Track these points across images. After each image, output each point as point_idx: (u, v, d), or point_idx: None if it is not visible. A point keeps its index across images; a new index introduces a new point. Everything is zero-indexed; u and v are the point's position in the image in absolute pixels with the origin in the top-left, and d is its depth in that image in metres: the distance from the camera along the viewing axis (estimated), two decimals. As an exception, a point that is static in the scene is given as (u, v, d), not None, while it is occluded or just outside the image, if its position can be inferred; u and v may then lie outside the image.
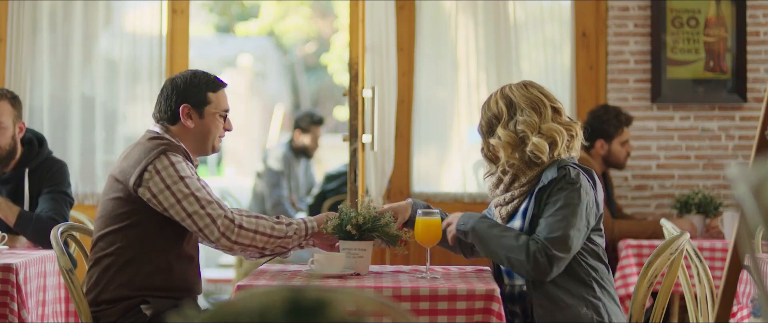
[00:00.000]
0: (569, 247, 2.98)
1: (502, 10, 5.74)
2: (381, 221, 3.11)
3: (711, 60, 5.64)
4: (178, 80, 3.26)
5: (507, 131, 3.11)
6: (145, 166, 3.08)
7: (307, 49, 13.50)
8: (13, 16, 5.50)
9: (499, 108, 3.14)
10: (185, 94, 3.22)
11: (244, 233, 3.06)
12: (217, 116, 3.25)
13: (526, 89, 3.15)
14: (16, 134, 4.01)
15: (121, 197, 3.12)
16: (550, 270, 2.98)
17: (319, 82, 13.83)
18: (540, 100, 3.12)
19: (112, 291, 3.11)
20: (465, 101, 5.83)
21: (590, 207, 3.04)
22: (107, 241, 3.14)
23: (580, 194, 3.01)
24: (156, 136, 3.21)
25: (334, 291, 1.34)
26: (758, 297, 1.49)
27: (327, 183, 6.94)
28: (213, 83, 3.27)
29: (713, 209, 5.09)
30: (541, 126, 3.09)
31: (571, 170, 3.04)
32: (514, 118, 3.12)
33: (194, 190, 3.07)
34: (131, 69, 5.73)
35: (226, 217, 3.06)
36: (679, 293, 4.91)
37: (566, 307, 3.01)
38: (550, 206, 3.02)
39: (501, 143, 3.11)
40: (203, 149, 3.27)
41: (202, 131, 3.23)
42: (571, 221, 2.98)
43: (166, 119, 3.23)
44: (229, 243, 3.06)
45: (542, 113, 3.11)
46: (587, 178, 3.06)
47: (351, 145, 4.56)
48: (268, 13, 12.50)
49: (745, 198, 1.46)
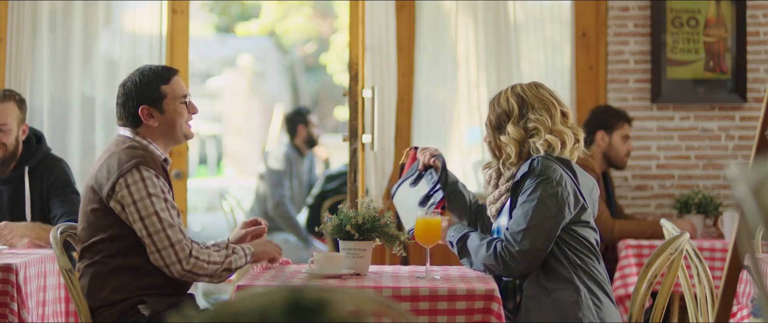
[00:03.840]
0: (532, 239, 3.02)
1: (502, 10, 5.74)
2: (381, 221, 3.12)
3: (711, 60, 5.64)
4: (129, 84, 3.23)
5: (517, 129, 3.16)
6: (117, 178, 3.05)
7: (307, 50, 13.50)
8: (13, 16, 5.50)
9: (510, 105, 3.20)
10: (139, 95, 3.19)
11: (198, 264, 3.01)
12: (178, 105, 3.21)
13: (538, 90, 3.22)
14: (20, 136, 4.02)
15: (99, 209, 3.11)
16: (516, 265, 3.03)
17: (319, 82, 13.83)
18: (551, 102, 3.19)
19: (106, 296, 3.10)
20: (465, 100, 5.83)
21: (563, 197, 3.06)
22: (92, 251, 3.12)
23: (546, 186, 3.05)
24: (130, 143, 3.16)
25: (334, 291, 1.34)
26: (758, 297, 1.49)
27: (327, 183, 6.95)
28: (163, 75, 3.23)
29: (713, 210, 5.09)
30: (552, 127, 3.15)
31: (541, 161, 3.09)
32: (525, 116, 3.17)
33: (159, 210, 3.02)
34: (131, 69, 5.67)
35: (184, 244, 3.01)
36: (679, 293, 4.91)
37: (551, 291, 3.06)
38: (520, 199, 3.08)
39: (510, 139, 3.17)
40: (175, 141, 3.24)
41: (167, 125, 3.20)
42: (535, 213, 3.03)
43: (130, 124, 3.20)
44: (183, 271, 3.01)
45: (553, 115, 3.17)
46: (563, 169, 3.10)
47: (351, 145, 4.57)
48: (269, 13, 12.50)
49: (745, 198, 1.46)
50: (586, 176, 3.21)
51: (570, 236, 3.11)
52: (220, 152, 14.19)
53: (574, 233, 3.12)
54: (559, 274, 3.08)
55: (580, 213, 3.12)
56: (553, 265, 3.08)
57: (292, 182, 6.83)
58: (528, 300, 3.06)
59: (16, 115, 3.98)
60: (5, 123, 3.95)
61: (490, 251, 3.07)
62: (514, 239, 3.04)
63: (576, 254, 3.11)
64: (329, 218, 3.18)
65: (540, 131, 3.15)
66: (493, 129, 3.24)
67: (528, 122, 3.16)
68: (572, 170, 3.14)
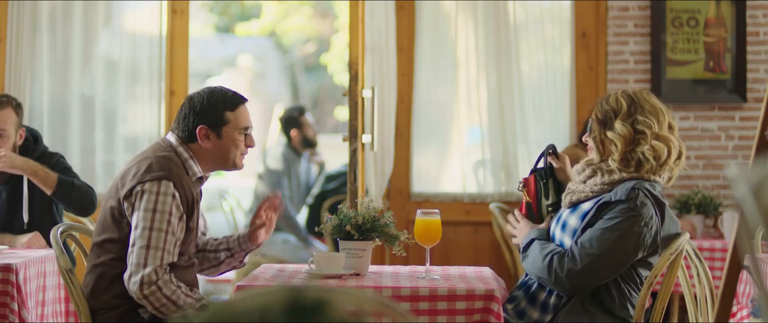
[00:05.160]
0: (597, 267, 2.99)
1: (502, 10, 5.74)
2: (380, 221, 3.12)
3: (711, 60, 5.64)
4: (195, 100, 3.16)
5: (625, 126, 3.09)
6: (137, 183, 3.02)
7: (307, 50, 13.50)
8: (13, 16, 5.50)
9: (619, 104, 3.12)
10: (201, 114, 3.13)
11: (158, 296, 2.96)
12: (237, 134, 3.14)
13: (649, 96, 3.15)
14: (17, 141, 4.02)
15: (115, 206, 3.09)
16: (570, 283, 3.00)
17: (319, 82, 13.83)
18: (660, 109, 3.12)
19: (107, 300, 3.09)
20: (465, 101, 5.83)
21: (645, 240, 3.02)
22: (102, 249, 3.11)
23: (633, 222, 3.00)
24: (168, 153, 3.12)
25: (334, 291, 1.33)
26: (758, 297, 1.49)
27: (327, 183, 6.94)
28: (231, 101, 3.15)
29: (713, 210, 5.09)
30: (659, 133, 3.08)
31: (640, 195, 3.02)
32: (632, 116, 3.10)
33: (155, 227, 2.97)
34: (131, 69, 5.73)
35: (154, 271, 2.95)
36: (678, 293, 4.91)
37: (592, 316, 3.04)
38: (603, 222, 3.02)
39: (617, 136, 3.09)
40: (223, 167, 3.20)
41: (220, 151, 3.14)
42: (612, 245, 2.99)
43: (184, 137, 3.15)
44: (140, 294, 2.96)
45: (661, 121, 3.10)
46: (655, 210, 3.03)
47: (351, 145, 4.56)
48: (269, 13, 12.50)
49: (745, 198, 1.46)
50: (673, 221, 3.13)
51: (628, 271, 3.08)
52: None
53: (634, 269, 3.09)
54: (605, 304, 3.06)
55: (650, 255, 3.08)
56: (602, 293, 3.06)
57: (290, 182, 6.82)
58: (567, 315, 3.04)
59: (14, 120, 3.98)
60: (4, 129, 3.95)
61: (544, 263, 3.03)
62: (581, 258, 2.99)
63: (627, 287, 3.09)
64: (329, 219, 3.18)
65: (646, 135, 3.07)
66: (599, 124, 3.15)
67: (636, 123, 3.08)
68: (663, 213, 3.06)
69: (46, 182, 3.87)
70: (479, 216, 5.77)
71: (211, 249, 3.39)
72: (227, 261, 3.40)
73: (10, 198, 4.01)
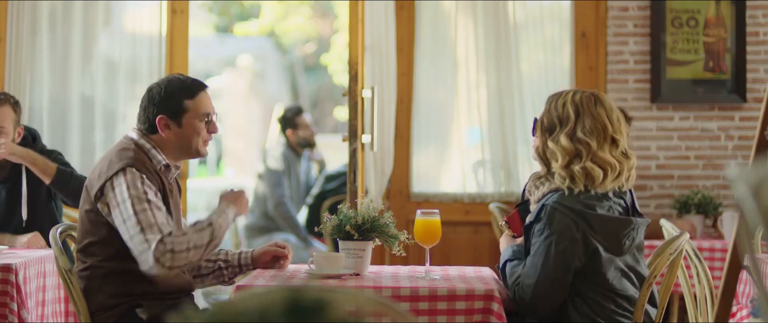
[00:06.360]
0: (541, 293, 2.94)
1: (502, 10, 5.74)
2: (380, 221, 3.12)
3: (710, 60, 5.64)
4: (154, 91, 3.14)
5: (569, 141, 3.00)
6: (105, 181, 2.99)
7: (306, 50, 13.50)
8: (13, 16, 5.50)
9: (566, 112, 3.03)
10: (160, 104, 3.10)
11: (178, 257, 2.88)
12: (197, 122, 3.11)
13: (596, 107, 3.03)
14: (16, 138, 4.02)
15: (91, 210, 3.06)
16: (532, 311, 2.98)
17: (319, 82, 13.82)
18: (604, 125, 3.01)
19: (102, 300, 3.08)
20: (465, 101, 5.83)
21: (570, 250, 2.93)
22: (87, 253, 3.09)
23: (550, 242, 2.93)
24: (126, 145, 3.10)
25: (333, 291, 1.34)
26: (758, 297, 1.49)
27: (327, 183, 6.94)
28: (189, 89, 3.13)
29: (713, 210, 5.09)
30: (596, 153, 2.99)
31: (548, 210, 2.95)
32: (575, 129, 3.01)
33: (138, 211, 2.91)
34: (131, 69, 5.73)
35: (159, 243, 2.87)
36: (678, 293, 4.91)
37: None
38: (531, 247, 3.00)
39: (559, 148, 3.01)
40: (187, 156, 3.18)
41: (182, 140, 3.11)
42: (542, 269, 2.93)
43: (146, 129, 3.12)
44: (164, 270, 2.88)
45: (603, 138, 3.01)
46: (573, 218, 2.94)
47: (351, 145, 4.56)
48: (269, 13, 12.50)
49: (744, 198, 1.46)
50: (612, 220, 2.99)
51: (584, 283, 2.98)
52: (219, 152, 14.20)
53: (589, 279, 2.98)
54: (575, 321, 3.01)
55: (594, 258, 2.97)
56: (570, 313, 3.00)
57: (290, 182, 6.83)
58: None
59: (12, 118, 3.98)
60: (2, 126, 3.95)
61: (511, 292, 3.01)
62: (526, 289, 2.96)
63: (589, 303, 2.98)
64: (329, 219, 3.18)
65: (582, 154, 2.99)
66: (543, 131, 3.07)
67: (575, 139, 3.00)
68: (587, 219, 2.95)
69: (46, 171, 3.88)
70: (479, 216, 5.77)
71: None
72: (216, 273, 3.36)
73: (9, 195, 4.01)
